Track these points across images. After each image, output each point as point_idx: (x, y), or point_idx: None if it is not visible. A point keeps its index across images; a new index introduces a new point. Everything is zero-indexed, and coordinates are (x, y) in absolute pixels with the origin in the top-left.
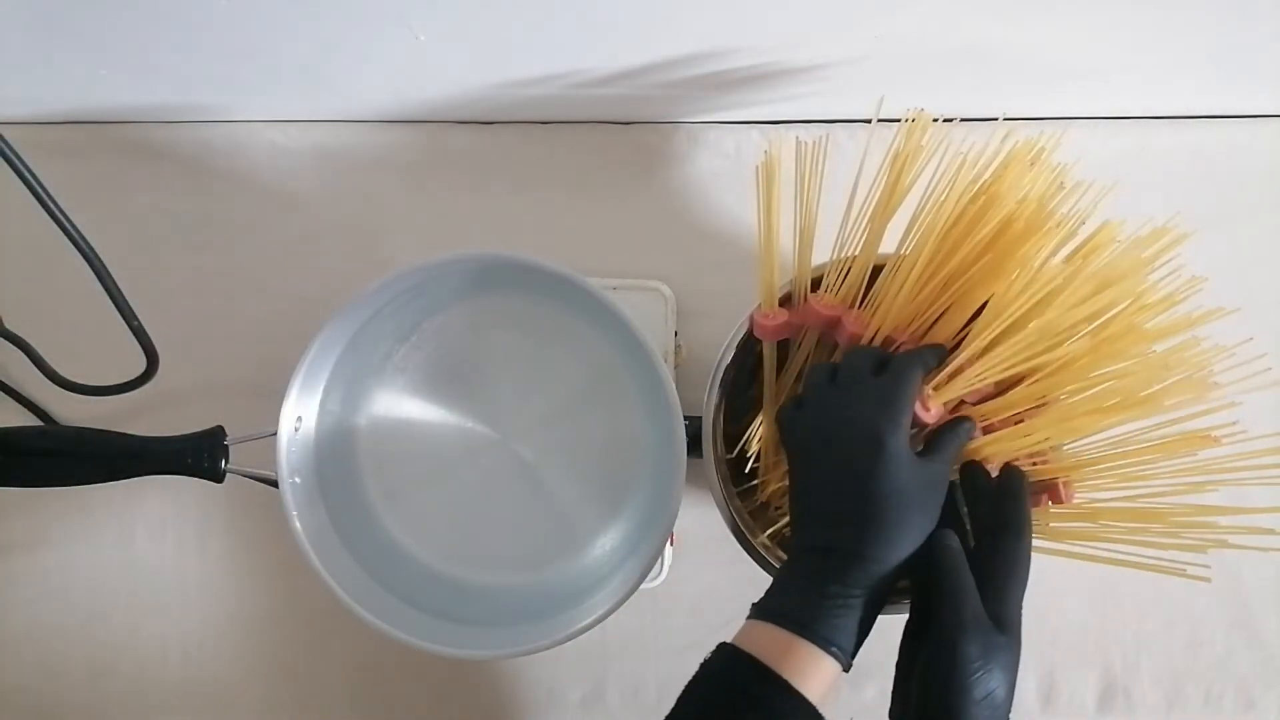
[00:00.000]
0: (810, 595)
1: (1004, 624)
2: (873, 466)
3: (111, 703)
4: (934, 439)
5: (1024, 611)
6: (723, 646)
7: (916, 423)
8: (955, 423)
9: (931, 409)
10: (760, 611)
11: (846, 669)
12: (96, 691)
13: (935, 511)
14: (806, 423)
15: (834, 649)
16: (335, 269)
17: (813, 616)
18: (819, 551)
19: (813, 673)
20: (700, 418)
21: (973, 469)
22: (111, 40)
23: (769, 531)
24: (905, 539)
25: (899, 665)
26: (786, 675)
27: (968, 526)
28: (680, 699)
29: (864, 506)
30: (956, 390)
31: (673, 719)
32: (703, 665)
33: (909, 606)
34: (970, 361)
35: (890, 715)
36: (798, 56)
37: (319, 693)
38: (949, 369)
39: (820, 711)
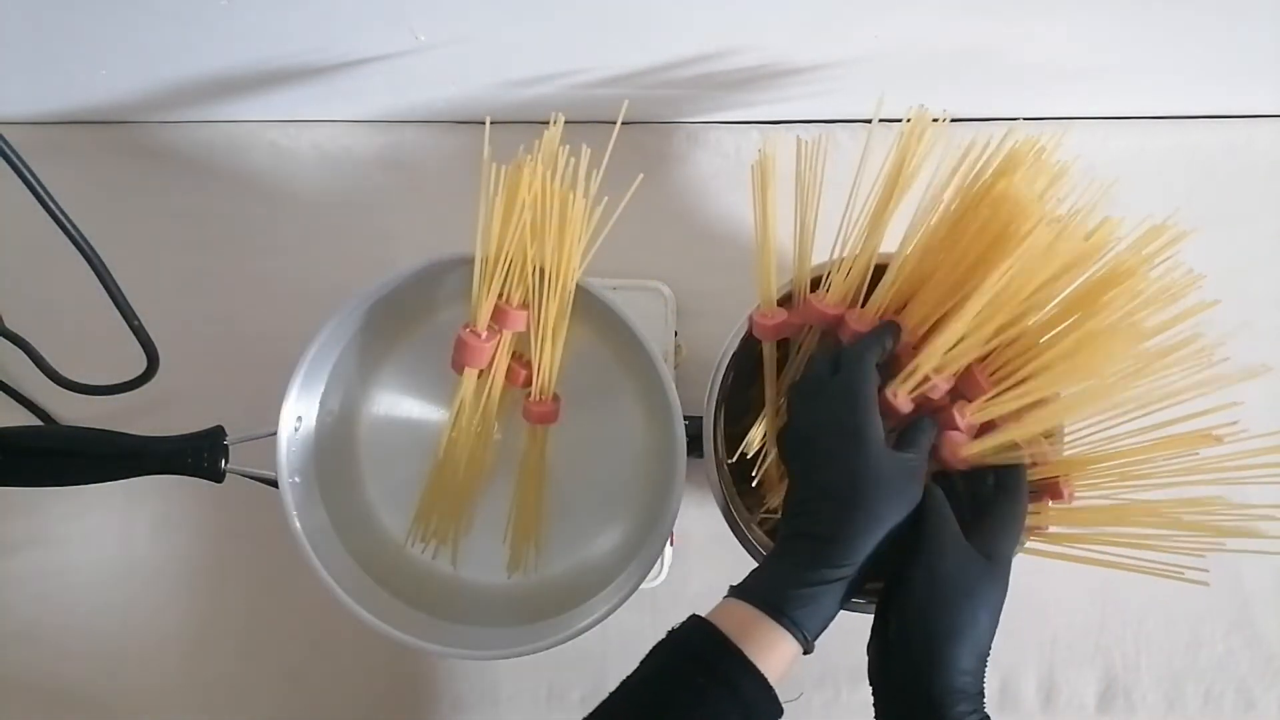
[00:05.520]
0: (783, 578)
1: (990, 556)
2: (848, 453)
3: (112, 702)
4: (902, 435)
5: (1024, 611)
6: (692, 617)
7: (891, 413)
8: (917, 419)
9: (899, 396)
10: (734, 590)
11: (808, 651)
12: (98, 690)
13: (911, 500)
14: (792, 435)
15: (798, 630)
16: (335, 269)
17: (782, 598)
18: (800, 537)
19: (773, 650)
20: (700, 418)
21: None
22: (111, 40)
23: (762, 519)
24: (881, 521)
25: (879, 608)
26: (746, 650)
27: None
28: (644, 659)
29: (842, 490)
30: (925, 369)
31: (633, 676)
32: (670, 632)
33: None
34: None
35: (869, 653)
36: (798, 56)
37: (319, 693)
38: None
39: (774, 687)
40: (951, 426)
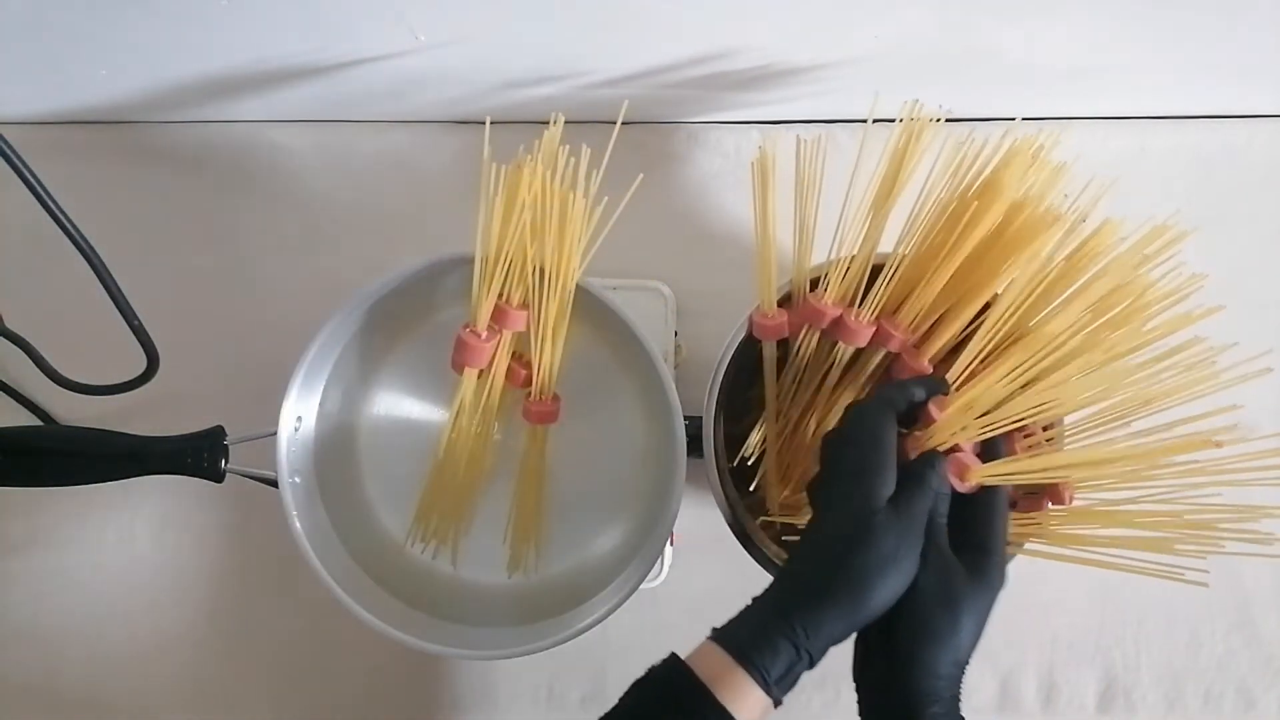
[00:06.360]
0: (763, 630)
1: (974, 564)
2: (849, 536)
3: (112, 702)
4: (910, 471)
5: (1024, 611)
6: (672, 656)
7: (902, 455)
8: (919, 476)
9: (917, 448)
10: (716, 633)
11: (777, 704)
12: (97, 691)
13: (909, 568)
14: (824, 464)
15: (770, 685)
16: (335, 269)
17: (758, 650)
18: (788, 576)
19: (744, 700)
20: (700, 418)
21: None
22: (111, 40)
23: (762, 522)
24: (872, 601)
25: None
26: (719, 694)
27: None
28: (623, 695)
29: (837, 572)
30: (950, 430)
31: (612, 712)
32: (649, 669)
33: None
34: (973, 369)
35: (854, 651)
36: (798, 56)
37: (319, 693)
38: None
39: None
40: (957, 447)
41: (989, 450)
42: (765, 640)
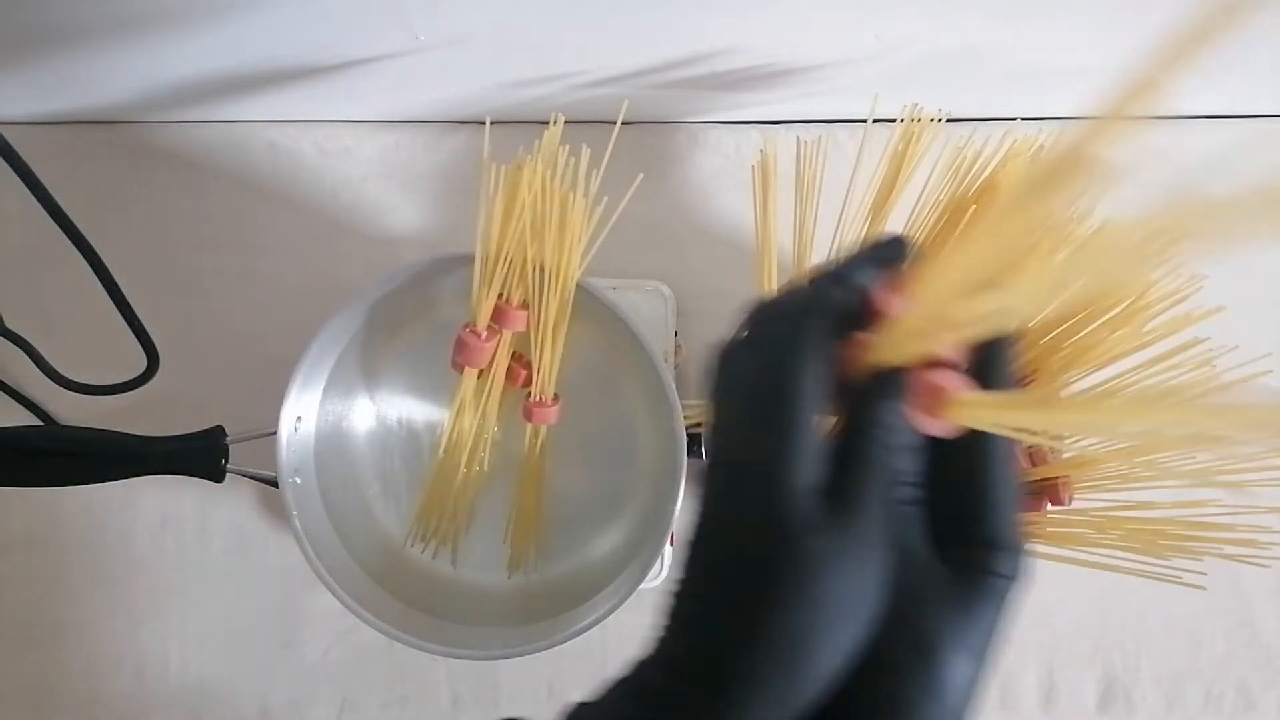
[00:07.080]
0: None
1: (970, 571)
2: (764, 577)
3: (111, 703)
4: (843, 457)
5: (1024, 611)
6: None
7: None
8: (868, 421)
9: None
10: (577, 710)
11: None
12: (96, 692)
13: (869, 601)
14: (713, 414)
15: None
16: (335, 269)
17: None
18: (676, 663)
19: None
20: None
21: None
22: (111, 41)
23: None
24: (813, 676)
25: None
26: None
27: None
28: None
29: (749, 642)
30: (919, 334)
31: None
32: None
33: None
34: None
35: None
36: (798, 56)
37: (319, 693)
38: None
39: None
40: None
41: (988, 365)
42: None
